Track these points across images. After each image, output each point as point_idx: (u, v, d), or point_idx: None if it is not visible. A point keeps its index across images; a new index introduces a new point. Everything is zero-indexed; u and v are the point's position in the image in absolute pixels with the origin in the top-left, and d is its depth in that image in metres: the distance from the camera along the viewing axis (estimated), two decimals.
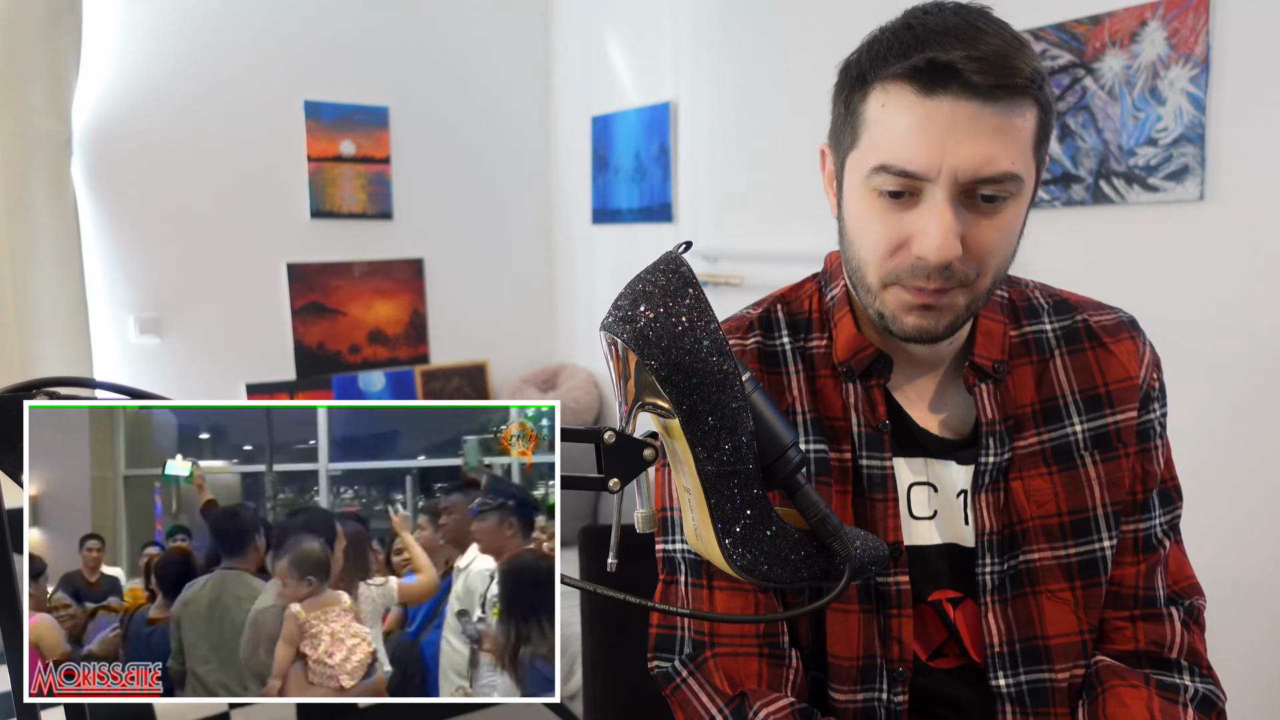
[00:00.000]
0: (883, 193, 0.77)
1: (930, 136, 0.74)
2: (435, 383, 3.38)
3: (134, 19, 2.78)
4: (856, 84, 0.79)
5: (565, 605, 0.57)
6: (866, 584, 0.86)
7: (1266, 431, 1.59)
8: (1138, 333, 0.92)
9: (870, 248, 0.80)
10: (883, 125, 0.76)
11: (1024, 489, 0.87)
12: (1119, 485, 0.88)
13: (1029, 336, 0.91)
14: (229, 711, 2.55)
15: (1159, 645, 0.89)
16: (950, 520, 0.89)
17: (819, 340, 0.92)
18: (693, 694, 0.88)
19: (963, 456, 0.88)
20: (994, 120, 0.73)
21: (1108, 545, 0.88)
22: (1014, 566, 0.87)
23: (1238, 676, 1.58)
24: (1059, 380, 0.90)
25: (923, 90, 0.74)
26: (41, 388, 0.55)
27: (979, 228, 0.77)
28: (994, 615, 0.87)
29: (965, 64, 0.71)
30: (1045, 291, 0.95)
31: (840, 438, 0.89)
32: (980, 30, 0.74)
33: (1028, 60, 0.74)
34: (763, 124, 2.60)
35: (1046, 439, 0.88)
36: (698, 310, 0.59)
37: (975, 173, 0.74)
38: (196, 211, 2.93)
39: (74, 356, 2.65)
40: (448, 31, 3.29)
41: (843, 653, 0.86)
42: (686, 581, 0.90)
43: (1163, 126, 1.66)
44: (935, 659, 0.89)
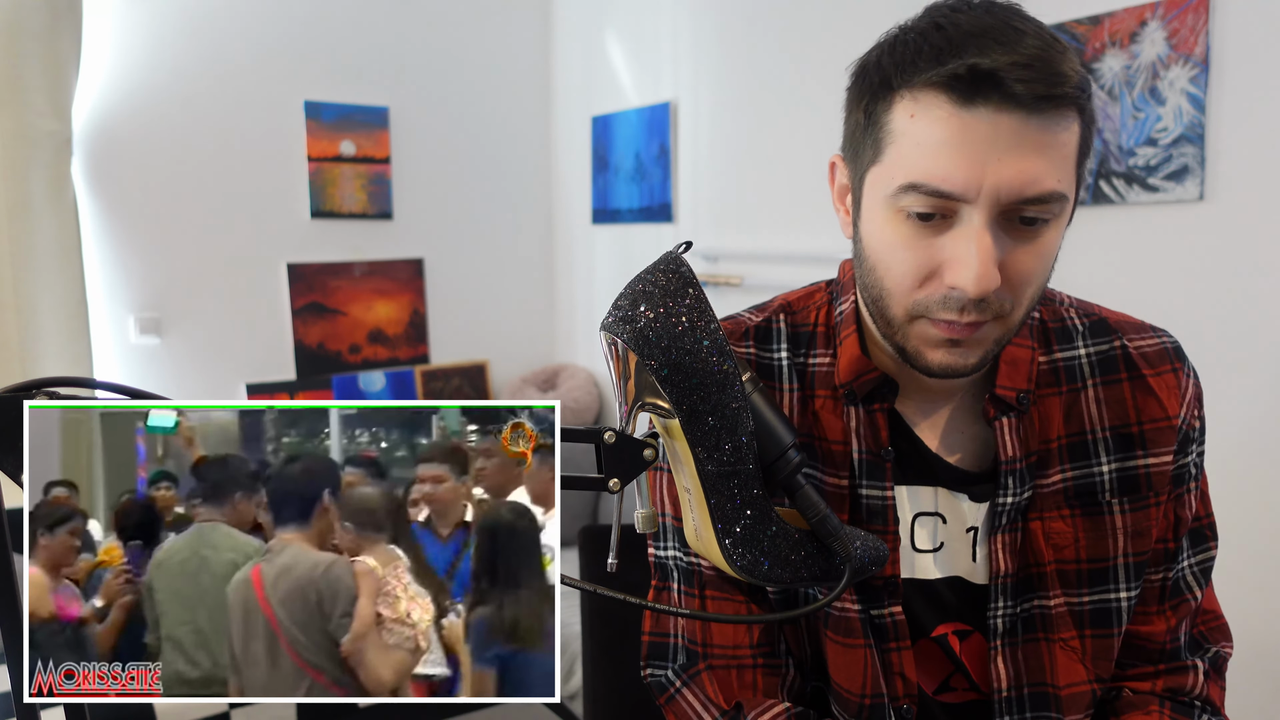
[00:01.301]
0: (911, 214, 0.69)
1: (969, 153, 0.65)
2: (435, 383, 3.38)
3: (134, 19, 2.78)
4: (880, 90, 0.70)
5: (565, 605, 0.57)
6: (865, 617, 0.82)
7: (1268, 431, 1.59)
8: (1181, 363, 0.83)
9: (897, 278, 0.72)
10: (912, 139, 0.68)
11: (1044, 530, 0.81)
12: (1145, 536, 0.81)
13: (1060, 364, 0.83)
14: (229, 711, 2.55)
15: (1176, 692, 0.85)
16: (957, 555, 0.83)
17: (822, 357, 0.84)
18: (688, 705, 0.86)
19: (977, 492, 0.82)
20: (1038, 135, 0.65)
21: (1125, 596, 0.81)
22: (1027, 610, 0.82)
23: (1243, 687, 1.58)
24: (1089, 414, 0.82)
25: (960, 101, 0.65)
26: (41, 388, 0.55)
27: (1018, 254, 0.69)
28: (1003, 659, 0.81)
29: (1009, 71, 0.63)
30: (1082, 310, 0.86)
31: (839, 463, 0.82)
32: (1019, 31, 0.65)
33: (1073, 65, 0.66)
34: (763, 124, 2.60)
35: (1071, 477, 0.81)
36: (698, 310, 0.59)
37: (1018, 193, 0.66)
38: (197, 211, 2.93)
39: (74, 356, 2.65)
40: (448, 31, 3.29)
41: (848, 685, 0.82)
42: (679, 589, 0.88)
43: (1162, 126, 1.66)
44: (942, 693, 0.85)
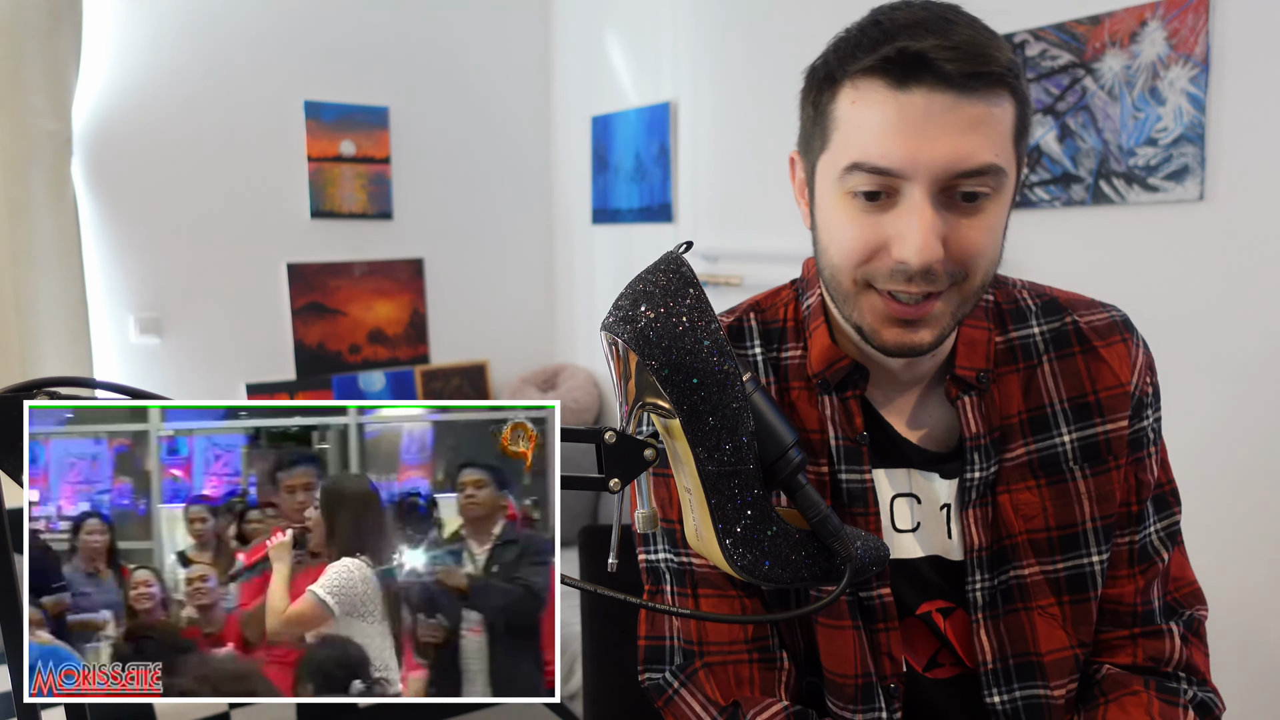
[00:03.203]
0: (857, 194, 0.74)
1: (905, 131, 0.70)
2: (435, 383, 3.38)
3: (134, 19, 2.78)
4: (825, 84, 0.76)
5: (565, 605, 0.57)
6: (854, 600, 0.84)
7: (1266, 432, 1.59)
8: (1130, 334, 0.88)
9: (844, 253, 0.76)
10: (854, 122, 0.73)
11: (1012, 503, 0.85)
12: (1109, 499, 0.85)
13: (1015, 342, 0.87)
14: (229, 711, 2.55)
15: (1157, 661, 0.87)
16: (934, 533, 0.86)
17: (793, 350, 0.88)
18: (686, 705, 0.87)
19: (946, 470, 0.85)
20: (971, 111, 0.70)
21: (1097, 560, 0.85)
22: (1004, 582, 0.85)
23: (1243, 679, 1.58)
24: (1047, 388, 0.86)
25: (895, 83, 0.70)
26: (41, 388, 0.55)
27: (961, 229, 0.73)
28: (985, 631, 0.85)
29: (938, 53, 0.68)
30: (1034, 291, 0.91)
31: (817, 452, 0.86)
32: (951, 22, 0.71)
33: (1002, 50, 0.71)
34: (763, 124, 2.60)
35: (1034, 450, 0.85)
36: (698, 310, 0.59)
37: (955, 166, 0.70)
38: (196, 211, 2.93)
39: (74, 356, 2.65)
40: (448, 31, 3.29)
41: (840, 669, 0.85)
42: (672, 591, 0.89)
43: (1162, 127, 1.66)
44: (931, 669, 0.88)
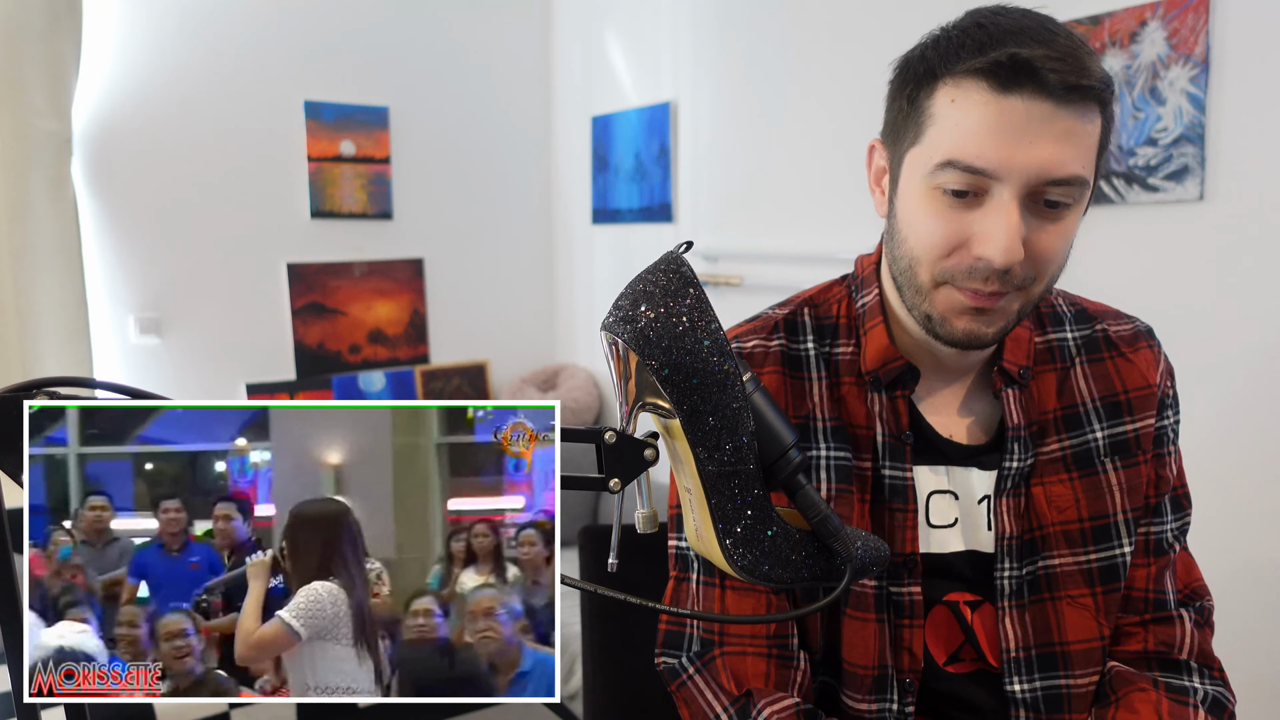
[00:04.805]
0: (946, 190, 0.76)
1: (1003, 134, 0.72)
2: (435, 383, 3.38)
3: (134, 19, 2.78)
4: (924, 79, 0.77)
5: (565, 605, 0.57)
6: (883, 593, 0.86)
7: (1268, 431, 1.59)
8: (1154, 341, 0.93)
9: (926, 246, 0.78)
10: (952, 120, 0.75)
11: (1045, 495, 0.87)
12: (1138, 491, 0.88)
13: (1053, 344, 0.92)
14: (229, 711, 2.55)
15: (1169, 647, 0.89)
16: (973, 528, 0.89)
17: (845, 346, 0.91)
18: (698, 691, 0.88)
19: (985, 462, 0.88)
20: (1066, 122, 0.72)
21: (1128, 550, 0.88)
22: (1032, 572, 0.87)
23: (1244, 678, 1.58)
24: (1080, 388, 0.90)
25: (998, 87, 0.72)
26: (41, 388, 0.55)
27: (1041, 233, 0.76)
28: (1011, 620, 0.87)
29: (1045, 62, 0.70)
30: (1068, 299, 0.95)
31: (862, 446, 0.88)
32: (1054, 33, 0.73)
33: (1099, 65, 0.73)
34: (763, 124, 2.60)
35: (1068, 445, 0.89)
36: (699, 310, 0.59)
37: (1046, 174, 0.73)
38: (196, 212, 2.93)
39: (74, 356, 2.65)
40: (448, 31, 3.29)
41: (859, 660, 0.86)
42: (698, 579, 0.90)
43: (1162, 126, 1.66)
44: (952, 663, 0.89)
